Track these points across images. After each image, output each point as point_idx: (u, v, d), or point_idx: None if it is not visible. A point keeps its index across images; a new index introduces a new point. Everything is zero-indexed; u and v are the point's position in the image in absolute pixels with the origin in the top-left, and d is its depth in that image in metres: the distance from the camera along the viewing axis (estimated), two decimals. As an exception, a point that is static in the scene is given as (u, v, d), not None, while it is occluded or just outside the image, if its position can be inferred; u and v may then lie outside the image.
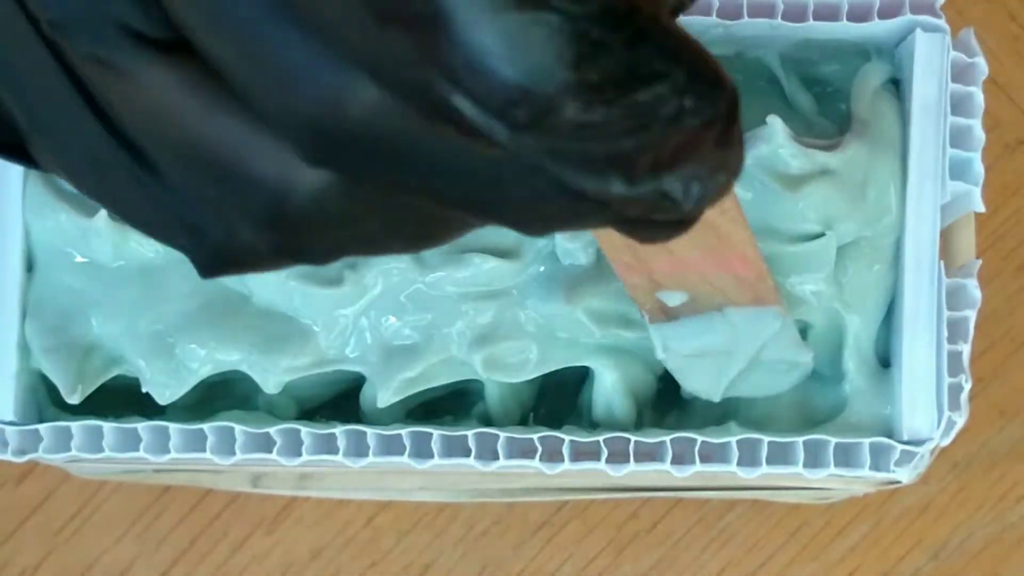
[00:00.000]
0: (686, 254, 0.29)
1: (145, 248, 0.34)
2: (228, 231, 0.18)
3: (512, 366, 0.34)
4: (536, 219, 0.17)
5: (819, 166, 0.32)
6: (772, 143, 0.32)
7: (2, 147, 0.19)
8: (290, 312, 0.34)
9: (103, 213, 0.33)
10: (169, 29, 0.16)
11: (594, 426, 0.35)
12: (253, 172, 0.17)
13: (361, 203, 0.17)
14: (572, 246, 0.33)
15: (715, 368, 0.33)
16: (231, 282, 0.34)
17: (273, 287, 0.33)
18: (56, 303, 0.34)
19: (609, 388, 0.34)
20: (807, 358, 0.33)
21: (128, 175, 0.18)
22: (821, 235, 0.33)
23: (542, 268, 0.34)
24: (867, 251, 0.34)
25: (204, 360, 0.33)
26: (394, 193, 0.17)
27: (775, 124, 0.32)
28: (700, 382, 0.33)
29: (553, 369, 0.34)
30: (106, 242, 0.33)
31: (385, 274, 0.34)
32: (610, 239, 0.28)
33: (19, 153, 0.19)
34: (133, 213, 0.19)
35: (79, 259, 0.34)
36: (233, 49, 0.16)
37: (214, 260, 0.18)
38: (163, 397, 0.34)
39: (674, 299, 0.31)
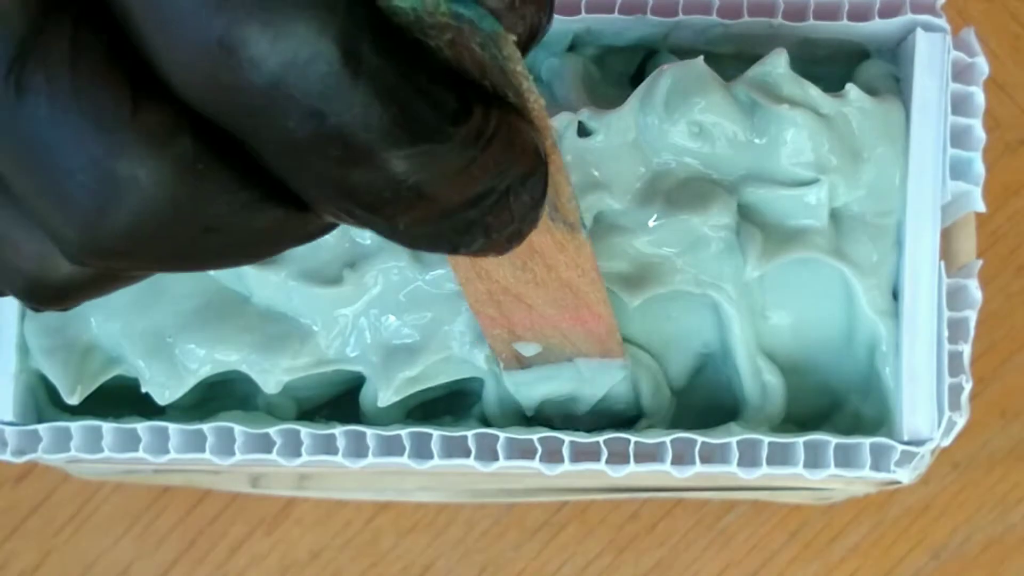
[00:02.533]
0: (544, 310, 0.30)
1: None
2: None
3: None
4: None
5: (812, 102, 0.33)
6: (769, 65, 0.33)
7: None
8: (289, 312, 0.34)
9: None
10: None
11: (600, 419, 0.35)
12: (12, 261, 0.19)
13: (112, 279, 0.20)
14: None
15: (561, 409, 0.35)
16: (230, 282, 0.34)
17: (273, 287, 0.33)
18: None
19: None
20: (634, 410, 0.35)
21: None
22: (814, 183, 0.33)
23: None
24: (870, 232, 0.34)
25: (203, 360, 0.33)
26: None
27: (780, 54, 0.33)
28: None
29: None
30: None
31: (385, 273, 0.33)
32: (476, 293, 0.30)
33: None
34: None
35: None
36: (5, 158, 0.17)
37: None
38: (162, 397, 0.33)
39: (529, 349, 0.32)
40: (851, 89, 0.33)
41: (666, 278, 0.33)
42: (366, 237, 0.34)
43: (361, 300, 0.34)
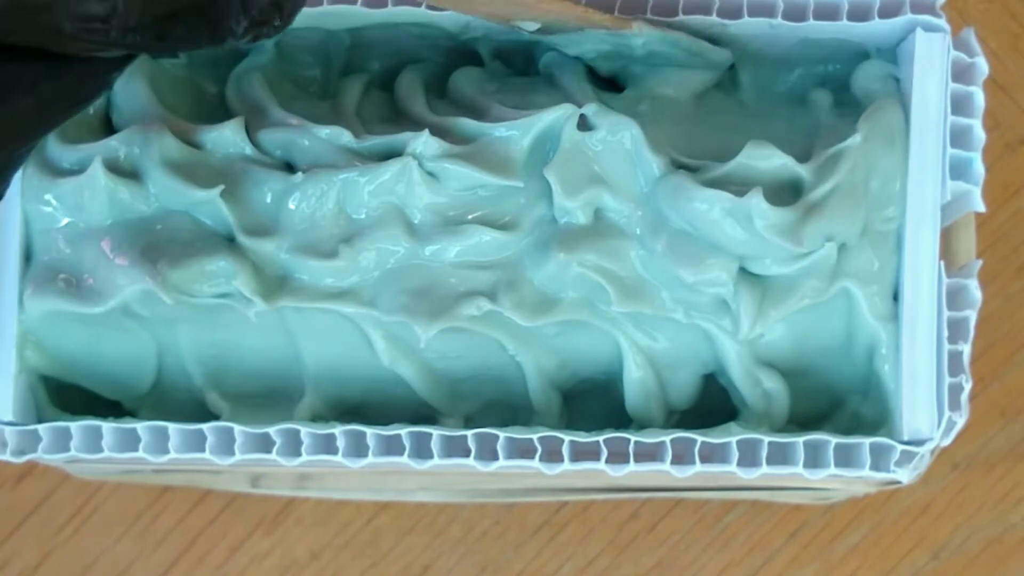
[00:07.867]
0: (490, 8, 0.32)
1: (138, 201, 0.33)
2: None
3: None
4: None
5: (818, 195, 0.32)
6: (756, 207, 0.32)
7: None
8: None
9: (97, 163, 0.33)
10: None
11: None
12: None
13: None
14: (571, 204, 0.33)
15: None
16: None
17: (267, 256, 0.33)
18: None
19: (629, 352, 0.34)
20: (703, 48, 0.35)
21: None
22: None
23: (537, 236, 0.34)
24: (871, 241, 0.34)
25: None
26: None
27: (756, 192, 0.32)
28: None
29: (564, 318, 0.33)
30: (101, 194, 0.33)
31: (380, 252, 0.34)
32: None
33: None
34: None
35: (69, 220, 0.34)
36: None
37: None
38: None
39: (528, 26, 0.33)
40: (850, 144, 0.33)
41: (656, 302, 0.33)
42: (361, 213, 0.34)
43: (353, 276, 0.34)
